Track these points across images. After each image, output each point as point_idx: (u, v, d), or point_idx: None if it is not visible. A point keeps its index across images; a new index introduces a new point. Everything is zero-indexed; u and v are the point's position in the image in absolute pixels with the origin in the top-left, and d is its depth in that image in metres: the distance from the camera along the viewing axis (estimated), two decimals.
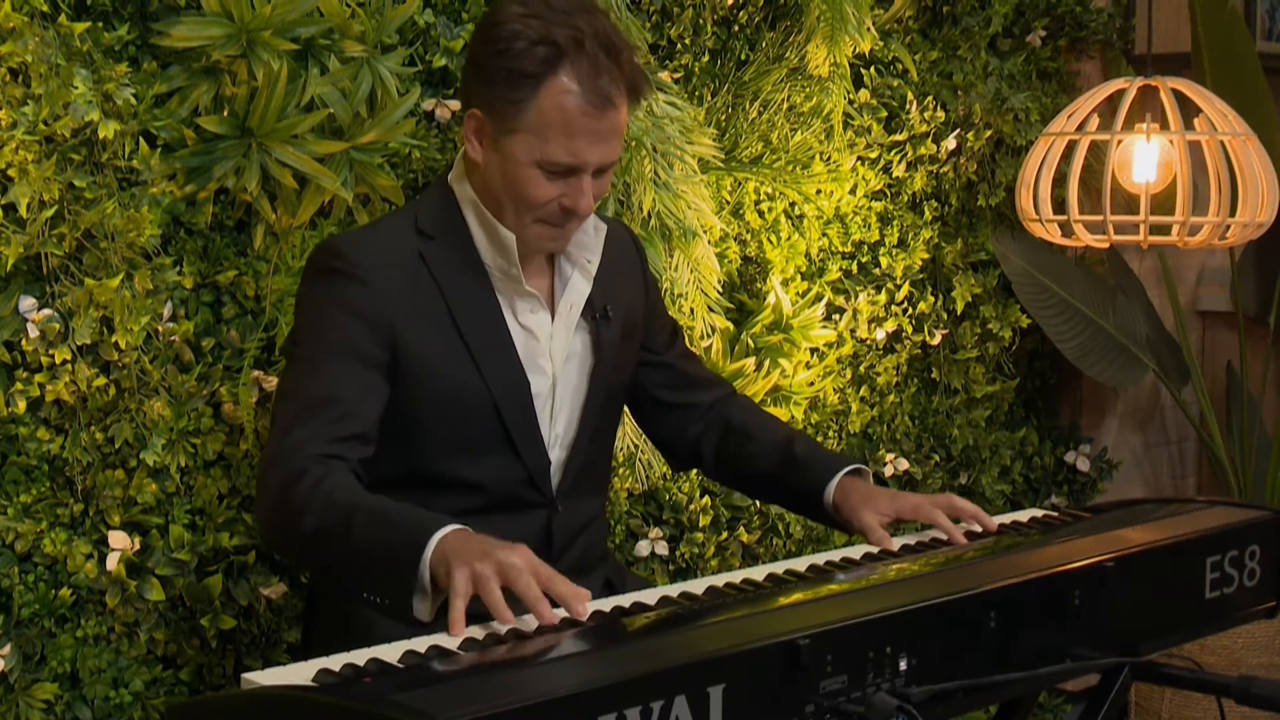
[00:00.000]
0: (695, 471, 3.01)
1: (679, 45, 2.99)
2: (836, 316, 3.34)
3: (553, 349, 2.23)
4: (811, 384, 3.23)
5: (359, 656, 1.68)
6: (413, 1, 2.54)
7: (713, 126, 3.03)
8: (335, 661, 1.66)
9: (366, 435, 2.08)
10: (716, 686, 1.58)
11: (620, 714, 1.49)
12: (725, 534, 3.12)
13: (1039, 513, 2.47)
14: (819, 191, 3.23)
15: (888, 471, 3.46)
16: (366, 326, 2.11)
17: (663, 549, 3.00)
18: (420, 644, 1.72)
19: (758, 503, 3.18)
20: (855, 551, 2.17)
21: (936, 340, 3.54)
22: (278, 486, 2.00)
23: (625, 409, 2.51)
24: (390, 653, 1.69)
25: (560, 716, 1.47)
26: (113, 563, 2.29)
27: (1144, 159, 3.35)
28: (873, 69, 3.35)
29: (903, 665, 1.77)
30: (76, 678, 2.30)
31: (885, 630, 1.76)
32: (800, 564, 2.11)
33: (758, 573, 2.05)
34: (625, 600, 1.90)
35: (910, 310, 3.50)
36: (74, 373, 2.23)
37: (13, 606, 2.23)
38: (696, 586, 1.96)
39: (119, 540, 2.29)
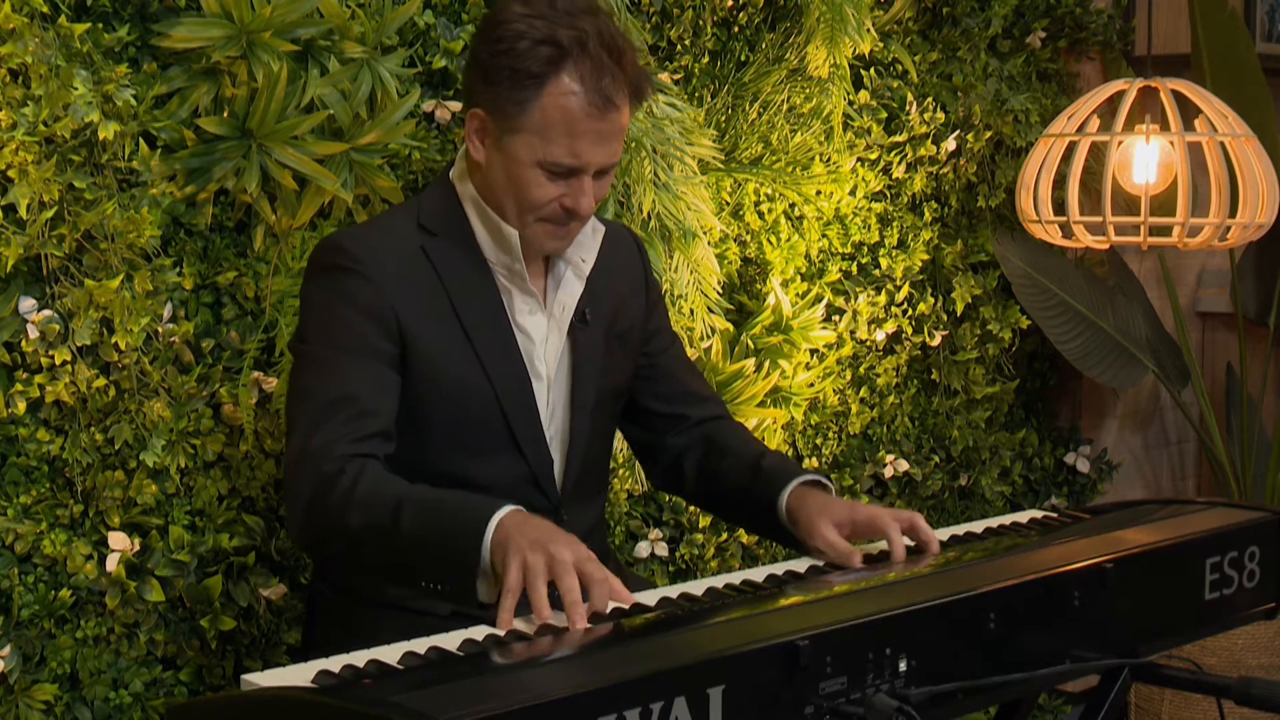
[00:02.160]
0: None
1: (679, 46, 2.99)
2: (836, 318, 3.33)
3: (547, 351, 2.23)
4: (811, 385, 3.23)
5: (358, 658, 1.68)
6: (413, 2, 2.54)
7: (712, 128, 3.02)
8: (335, 663, 1.67)
9: (388, 432, 2.10)
10: (716, 688, 1.58)
11: (620, 715, 1.49)
12: (725, 535, 3.12)
13: (1038, 514, 2.47)
14: (819, 193, 3.22)
15: (887, 473, 3.46)
16: (374, 322, 2.11)
17: (662, 550, 3.00)
18: (420, 645, 1.72)
19: None
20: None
21: (936, 341, 3.54)
22: (313, 489, 2.01)
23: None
24: (390, 654, 1.69)
25: (560, 718, 1.47)
26: (112, 564, 2.29)
27: (1144, 160, 3.35)
28: (872, 70, 3.35)
29: (902, 666, 1.77)
30: (76, 679, 2.30)
31: (885, 631, 1.76)
32: (800, 565, 2.11)
33: (757, 574, 2.05)
34: (625, 601, 1.90)
35: (910, 311, 3.50)
36: (74, 374, 2.23)
37: (12, 607, 2.23)
38: (696, 588, 1.96)
39: (119, 541, 2.29)
